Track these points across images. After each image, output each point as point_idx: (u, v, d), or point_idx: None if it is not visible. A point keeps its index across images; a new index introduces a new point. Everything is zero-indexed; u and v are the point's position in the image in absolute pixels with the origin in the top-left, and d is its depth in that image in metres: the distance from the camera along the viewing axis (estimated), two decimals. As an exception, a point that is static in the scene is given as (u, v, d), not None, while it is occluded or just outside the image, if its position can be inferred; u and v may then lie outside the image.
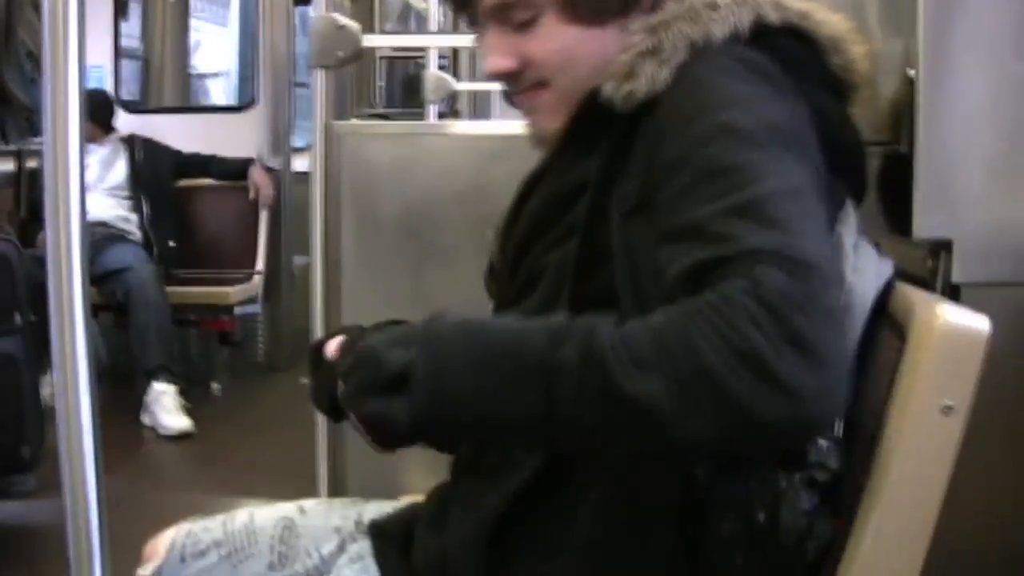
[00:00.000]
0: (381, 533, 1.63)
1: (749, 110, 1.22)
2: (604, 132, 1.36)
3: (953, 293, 1.91)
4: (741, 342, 1.01)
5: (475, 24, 1.50)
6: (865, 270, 1.36)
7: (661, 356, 1.03)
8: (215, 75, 8.62)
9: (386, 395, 1.11)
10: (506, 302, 1.49)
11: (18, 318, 3.91)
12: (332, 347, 1.36)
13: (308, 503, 1.70)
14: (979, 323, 1.25)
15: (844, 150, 1.39)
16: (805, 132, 1.27)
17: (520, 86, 1.48)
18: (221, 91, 8.70)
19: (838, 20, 1.42)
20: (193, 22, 7.89)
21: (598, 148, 1.36)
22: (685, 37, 1.33)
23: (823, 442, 1.28)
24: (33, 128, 5.54)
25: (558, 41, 1.42)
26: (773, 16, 1.36)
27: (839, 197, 1.36)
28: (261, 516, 1.68)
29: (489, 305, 1.57)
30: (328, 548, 1.62)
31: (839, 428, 1.30)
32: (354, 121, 3.28)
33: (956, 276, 1.92)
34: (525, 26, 1.43)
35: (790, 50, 1.36)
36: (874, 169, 2.15)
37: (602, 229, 1.31)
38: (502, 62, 1.45)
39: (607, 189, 1.33)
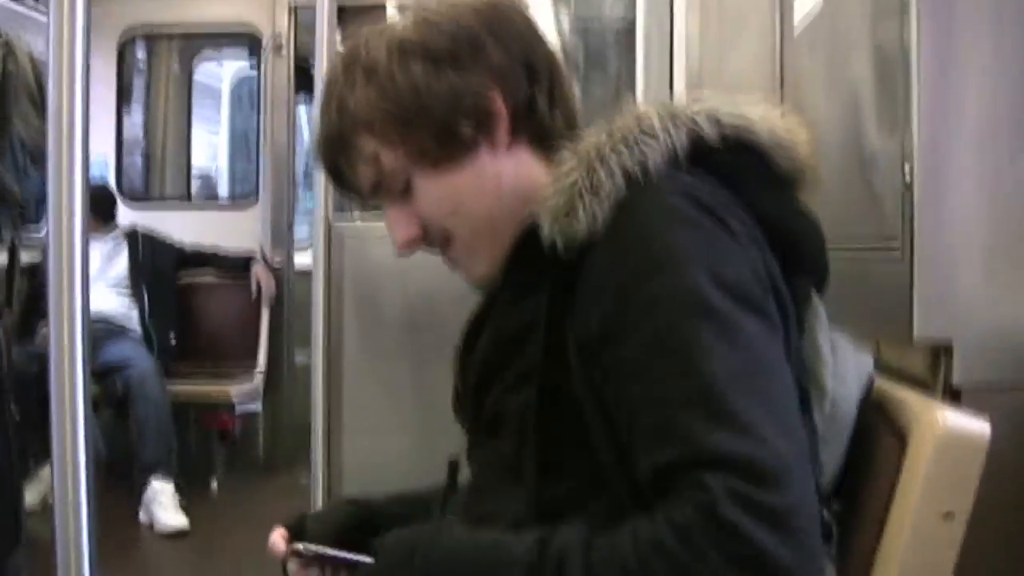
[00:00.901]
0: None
1: (696, 268, 1.19)
2: (544, 268, 1.32)
3: (954, 395, 1.91)
4: (705, 574, 1.07)
5: (365, 208, 1.50)
6: (845, 376, 1.36)
7: None
8: (207, 175, 8.62)
9: None
10: (477, 436, 1.47)
11: None
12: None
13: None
14: (980, 428, 1.25)
15: (802, 240, 1.37)
16: (755, 270, 1.24)
17: (434, 246, 1.47)
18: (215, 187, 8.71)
19: (777, 118, 1.38)
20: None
21: (540, 285, 1.33)
22: (622, 169, 1.28)
23: None
24: (25, 220, 5.53)
25: (437, 192, 1.41)
26: (711, 133, 1.32)
27: (804, 293, 1.35)
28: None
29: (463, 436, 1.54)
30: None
31: (833, 542, 1.30)
32: (356, 223, 3.29)
33: (957, 378, 1.91)
34: (406, 193, 1.43)
35: (732, 165, 1.33)
36: (874, 271, 2.16)
37: (559, 373, 1.29)
38: (404, 233, 1.45)
39: (557, 331, 1.30)
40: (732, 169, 1.33)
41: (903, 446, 1.27)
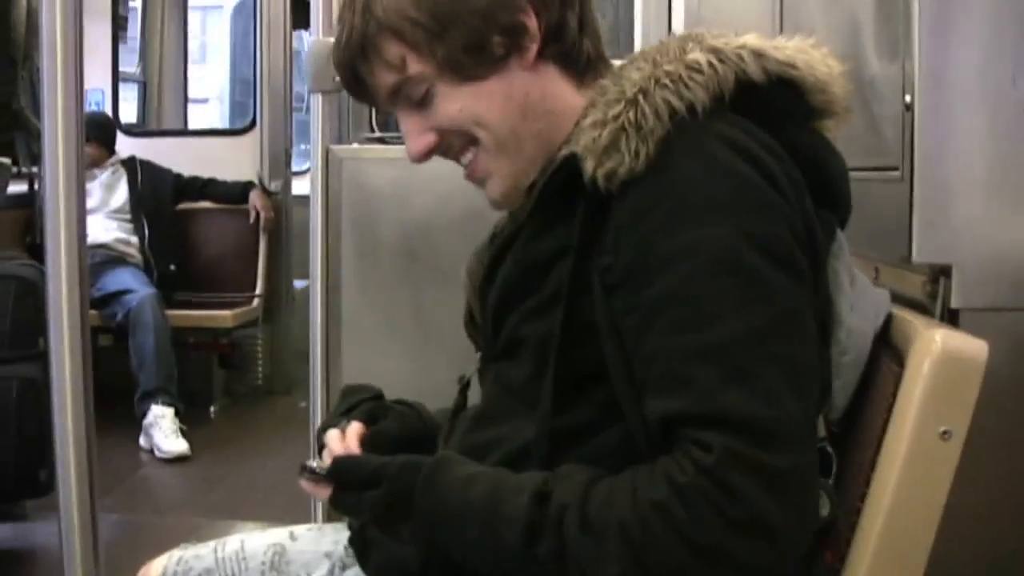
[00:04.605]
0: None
1: (727, 222, 1.19)
2: (577, 198, 1.30)
3: (952, 318, 1.91)
4: (701, 536, 1.10)
5: (380, 112, 1.48)
6: (863, 309, 1.35)
7: (630, 552, 1.13)
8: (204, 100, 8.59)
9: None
10: (491, 358, 1.46)
11: (41, 343, 3.88)
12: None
13: (299, 529, 1.70)
14: (977, 349, 1.25)
15: (832, 179, 1.37)
16: (791, 223, 1.23)
17: (451, 153, 1.45)
18: (214, 116, 8.67)
19: (820, 59, 1.37)
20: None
21: (571, 214, 1.30)
22: (667, 107, 1.25)
23: None
24: (45, 154, 5.55)
25: (458, 103, 1.39)
26: (757, 72, 1.30)
27: (830, 227, 1.34)
28: (252, 542, 1.67)
29: (476, 355, 1.55)
30: (319, 574, 1.61)
31: (833, 472, 1.31)
32: (354, 145, 3.27)
33: (955, 301, 1.91)
34: (425, 101, 1.40)
35: (775, 102, 1.33)
36: (874, 194, 2.15)
37: (584, 301, 1.28)
38: (421, 140, 1.43)
39: (586, 260, 1.29)
40: (774, 106, 1.32)
41: (901, 367, 1.27)
